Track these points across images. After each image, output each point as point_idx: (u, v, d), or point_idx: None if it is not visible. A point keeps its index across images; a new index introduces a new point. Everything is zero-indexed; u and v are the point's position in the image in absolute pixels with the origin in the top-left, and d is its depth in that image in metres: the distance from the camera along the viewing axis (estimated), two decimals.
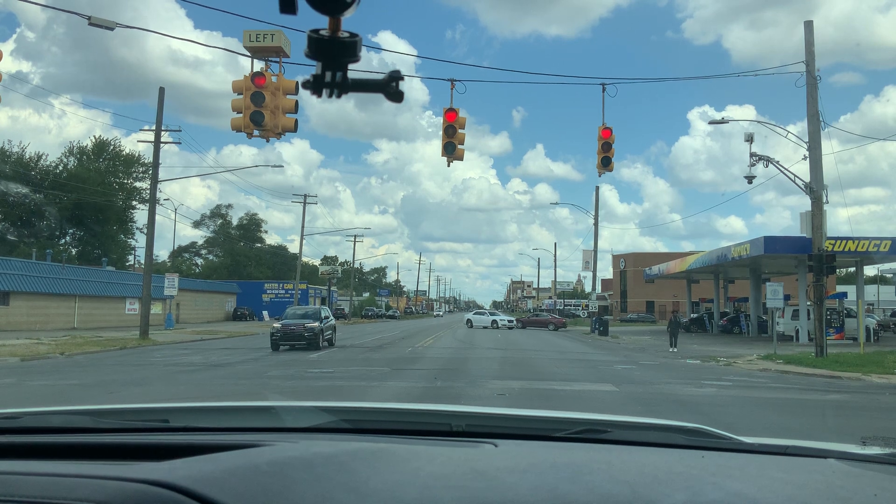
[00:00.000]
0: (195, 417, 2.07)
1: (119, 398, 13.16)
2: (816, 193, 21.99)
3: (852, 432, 10.09)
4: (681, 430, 1.94)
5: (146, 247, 34.89)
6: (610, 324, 50.60)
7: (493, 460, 1.53)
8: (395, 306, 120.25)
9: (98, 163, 67.17)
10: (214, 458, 1.38)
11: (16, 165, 57.62)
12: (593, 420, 1.96)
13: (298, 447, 1.51)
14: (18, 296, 42.90)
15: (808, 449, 1.74)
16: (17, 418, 1.87)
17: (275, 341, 27.80)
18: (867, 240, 32.81)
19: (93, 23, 15.88)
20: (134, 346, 28.93)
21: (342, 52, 1.46)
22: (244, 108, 14.07)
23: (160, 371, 18.80)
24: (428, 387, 15.10)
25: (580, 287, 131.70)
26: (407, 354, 25.67)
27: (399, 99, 1.59)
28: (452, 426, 1.87)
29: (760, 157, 24.85)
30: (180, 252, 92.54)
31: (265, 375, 17.49)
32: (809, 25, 22.63)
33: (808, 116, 22.58)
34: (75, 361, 22.18)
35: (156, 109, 32.42)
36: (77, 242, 67.39)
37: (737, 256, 36.48)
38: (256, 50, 14.40)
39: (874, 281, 73.22)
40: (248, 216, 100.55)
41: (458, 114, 17.24)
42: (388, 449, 1.56)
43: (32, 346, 26.58)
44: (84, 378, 16.86)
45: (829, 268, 21.96)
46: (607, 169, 18.78)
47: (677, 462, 1.57)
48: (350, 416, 2.03)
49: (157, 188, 34.32)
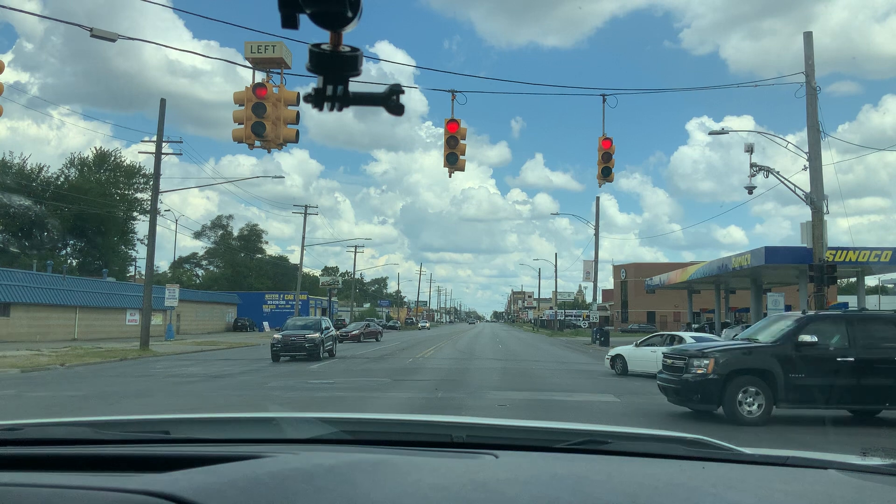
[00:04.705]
0: (196, 429, 2.07)
1: (120, 410, 13.13)
2: (817, 204, 22.00)
3: (853, 443, 10.06)
4: (681, 440, 1.94)
5: (147, 258, 34.95)
6: (611, 334, 50.51)
7: (494, 471, 1.53)
8: (395, 317, 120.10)
9: (99, 174, 67.31)
10: (215, 470, 1.38)
11: (17, 177, 57.70)
12: (594, 431, 1.96)
13: (299, 459, 1.51)
14: (19, 307, 42.88)
15: (809, 460, 1.74)
16: (19, 430, 1.87)
17: (275, 352, 27.76)
18: (868, 250, 32.78)
19: (94, 34, 15.95)
20: (134, 358, 28.89)
21: (343, 66, 1.48)
22: (245, 119, 14.10)
23: (161, 382, 18.76)
24: (429, 397, 15.07)
25: (581, 297, 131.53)
26: (408, 365, 25.63)
27: (400, 112, 1.60)
28: (453, 437, 1.87)
29: (761, 168, 24.87)
30: (181, 263, 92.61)
31: (266, 386, 17.46)
32: (809, 37, 22.70)
33: (807, 127, 22.61)
34: (76, 373, 22.14)
35: (155, 120, 32.54)
36: (78, 253, 67.40)
37: (737, 267, 36.44)
38: (258, 61, 14.45)
39: (875, 291, 73.18)
40: (249, 227, 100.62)
41: (460, 124, 17.29)
42: (388, 460, 1.56)
43: (33, 357, 26.54)
44: (85, 389, 16.83)
45: (830, 278, 21.92)
46: (608, 179, 18.79)
47: (678, 473, 1.57)
48: (351, 428, 2.03)
49: (157, 199, 34.37)
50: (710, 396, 11.83)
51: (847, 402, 12.35)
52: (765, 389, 11.69)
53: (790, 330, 12.22)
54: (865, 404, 12.44)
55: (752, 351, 12.33)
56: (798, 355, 11.82)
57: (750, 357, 12.17)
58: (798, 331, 12.06)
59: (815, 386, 11.72)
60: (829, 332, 12.42)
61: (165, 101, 33.04)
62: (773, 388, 11.69)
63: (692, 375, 11.98)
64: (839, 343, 12.19)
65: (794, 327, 12.26)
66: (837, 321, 12.61)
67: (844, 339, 12.21)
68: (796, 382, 11.66)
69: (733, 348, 12.60)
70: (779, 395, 11.67)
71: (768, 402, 11.69)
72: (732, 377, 11.78)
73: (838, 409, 12.58)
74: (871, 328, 12.53)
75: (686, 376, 12.08)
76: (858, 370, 11.86)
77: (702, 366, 11.93)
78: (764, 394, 11.70)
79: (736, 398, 11.66)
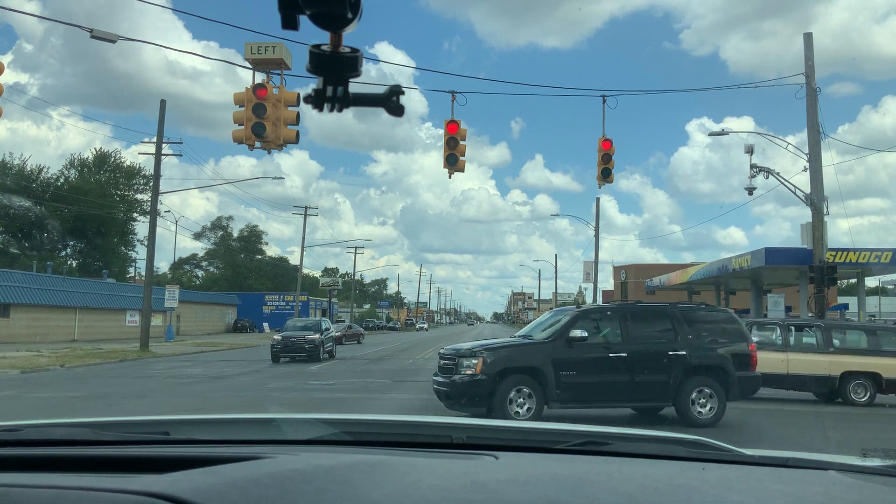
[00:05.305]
0: (196, 430, 2.07)
1: (120, 410, 13.13)
2: (817, 205, 22.01)
3: (853, 444, 10.06)
4: (681, 442, 1.94)
5: (147, 259, 34.96)
6: None
7: (494, 472, 1.53)
8: (395, 318, 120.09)
9: (99, 175, 67.31)
10: (215, 471, 1.39)
11: (17, 178, 57.72)
12: (594, 432, 1.96)
13: (299, 460, 1.51)
14: (19, 308, 42.88)
15: (809, 461, 1.74)
16: (18, 431, 1.87)
17: (275, 353, 27.75)
18: (868, 251, 32.78)
19: (94, 35, 15.95)
20: (134, 359, 28.89)
21: (343, 67, 1.48)
22: (246, 120, 14.11)
23: (161, 383, 18.76)
24: (429, 398, 15.03)
25: (581, 298, 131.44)
26: (408, 366, 25.62)
27: (400, 113, 1.60)
28: (453, 438, 1.87)
29: (761, 169, 24.88)
30: (181, 264, 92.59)
31: (266, 387, 17.47)
32: (809, 38, 22.72)
33: (808, 128, 22.62)
34: (76, 373, 22.14)
35: (155, 121, 32.59)
36: (78, 254, 67.41)
37: (738, 268, 36.43)
38: (258, 62, 14.46)
39: (875, 292, 73.17)
40: (249, 228, 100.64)
41: (460, 125, 17.29)
42: (388, 461, 1.56)
43: (33, 358, 26.54)
44: (84, 390, 16.84)
45: (831, 279, 21.93)
46: (607, 180, 18.81)
47: (678, 474, 1.57)
48: (351, 429, 2.03)
49: (157, 200, 34.39)
50: (479, 398, 11.03)
51: (622, 401, 11.88)
52: (535, 389, 11.03)
53: (562, 326, 11.71)
54: (640, 402, 11.96)
55: (524, 348, 11.77)
56: (569, 352, 11.28)
57: (521, 355, 11.54)
58: (569, 326, 11.53)
59: (586, 384, 11.23)
60: (602, 327, 12.00)
61: (165, 102, 33.11)
62: (543, 387, 11.05)
63: (461, 376, 11.11)
64: (612, 338, 11.75)
65: (565, 322, 11.72)
66: (611, 315, 12.18)
67: (617, 334, 11.77)
68: (567, 381, 11.12)
69: (503, 346, 11.94)
70: (549, 395, 11.05)
71: (539, 402, 11.04)
72: (502, 377, 11.01)
73: (623, 406, 12.28)
74: (645, 322, 12.10)
75: (455, 378, 11.17)
76: (631, 366, 11.43)
77: (470, 366, 11.09)
78: (535, 393, 11.03)
79: (506, 399, 10.91)
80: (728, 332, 12.25)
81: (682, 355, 11.64)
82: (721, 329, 12.29)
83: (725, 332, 12.25)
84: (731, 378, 11.70)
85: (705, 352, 11.84)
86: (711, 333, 12.16)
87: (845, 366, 15.59)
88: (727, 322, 12.55)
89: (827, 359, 15.64)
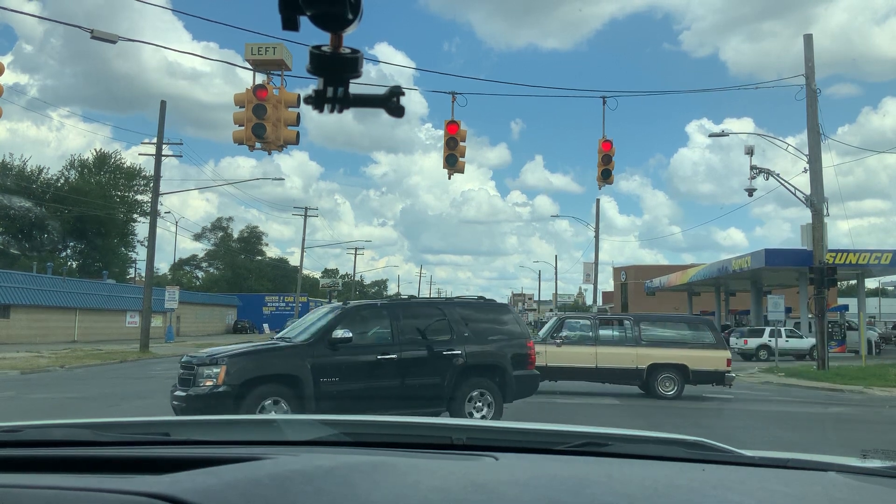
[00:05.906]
0: (196, 430, 2.07)
1: (120, 411, 13.13)
2: (817, 206, 22.02)
3: (853, 445, 10.06)
4: (681, 443, 1.94)
5: (147, 259, 34.97)
6: None
7: (494, 473, 1.53)
8: None
9: (99, 176, 67.28)
10: (216, 472, 1.39)
11: (17, 179, 57.73)
12: (594, 433, 1.96)
13: (299, 460, 1.51)
14: (19, 309, 42.86)
15: (809, 462, 1.74)
16: (18, 431, 1.87)
17: None
18: (868, 252, 32.84)
19: (95, 36, 15.96)
20: (134, 359, 28.88)
21: (344, 67, 1.48)
22: (246, 121, 14.12)
23: (161, 384, 18.71)
24: None
25: (581, 299, 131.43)
26: None
27: (400, 114, 1.60)
28: (453, 439, 1.87)
29: (761, 170, 24.90)
30: (181, 265, 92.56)
31: None
32: (809, 39, 22.74)
33: (808, 130, 22.64)
34: (75, 374, 22.14)
35: (155, 122, 32.62)
36: (78, 255, 67.39)
37: (738, 269, 36.48)
38: (258, 63, 14.46)
39: (875, 293, 73.15)
40: (249, 229, 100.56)
41: (460, 126, 17.30)
42: (388, 462, 1.56)
43: (33, 358, 26.53)
44: (84, 391, 16.83)
45: (830, 280, 21.95)
46: (607, 182, 18.81)
47: (678, 475, 1.57)
48: (351, 430, 2.03)
49: (158, 201, 34.40)
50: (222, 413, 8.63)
51: (392, 408, 9.98)
52: (291, 400, 9.47)
53: (324, 326, 10.35)
54: (412, 408, 10.11)
55: (278, 353, 10.31)
56: (332, 355, 9.90)
57: (273, 361, 10.04)
58: (332, 326, 10.17)
59: (351, 391, 9.85)
60: (370, 326, 10.84)
61: (165, 102, 33.13)
62: (300, 398, 9.50)
63: (199, 389, 9.37)
64: (381, 339, 10.57)
65: (328, 322, 10.38)
66: (380, 313, 10.97)
67: (387, 334, 10.57)
68: (328, 389, 9.72)
69: (252, 351, 10.53)
70: (307, 406, 9.43)
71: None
72: (250, 387, 9.37)
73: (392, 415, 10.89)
74: (417, 319, 10.95)
75: (193, 391, 9.43)
76: (402, 369, 10.26)
77: (211, 375, 9.35)
78: (290, 406, 9.43)
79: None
80: (506, 328, 11.40)
81: (457, 354, 10.65)
82: (499, 326, 11.41)
83: (503, 328, 11.38)
84: (508, 378, 10.91)
85: (481, 350, 10.94)
86: (488, 331, 11.22)
87: (652, 358, 15.69)
88: (505, 317, 11.70)
89: (634, 351, 15.75)
